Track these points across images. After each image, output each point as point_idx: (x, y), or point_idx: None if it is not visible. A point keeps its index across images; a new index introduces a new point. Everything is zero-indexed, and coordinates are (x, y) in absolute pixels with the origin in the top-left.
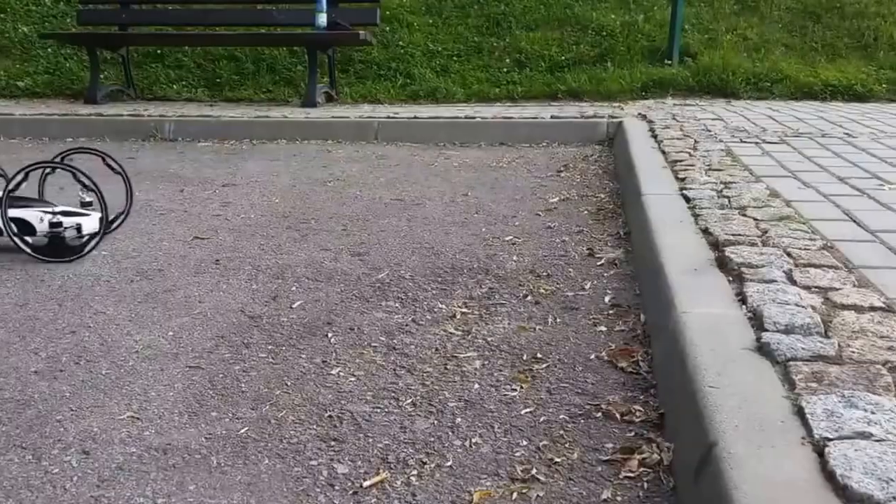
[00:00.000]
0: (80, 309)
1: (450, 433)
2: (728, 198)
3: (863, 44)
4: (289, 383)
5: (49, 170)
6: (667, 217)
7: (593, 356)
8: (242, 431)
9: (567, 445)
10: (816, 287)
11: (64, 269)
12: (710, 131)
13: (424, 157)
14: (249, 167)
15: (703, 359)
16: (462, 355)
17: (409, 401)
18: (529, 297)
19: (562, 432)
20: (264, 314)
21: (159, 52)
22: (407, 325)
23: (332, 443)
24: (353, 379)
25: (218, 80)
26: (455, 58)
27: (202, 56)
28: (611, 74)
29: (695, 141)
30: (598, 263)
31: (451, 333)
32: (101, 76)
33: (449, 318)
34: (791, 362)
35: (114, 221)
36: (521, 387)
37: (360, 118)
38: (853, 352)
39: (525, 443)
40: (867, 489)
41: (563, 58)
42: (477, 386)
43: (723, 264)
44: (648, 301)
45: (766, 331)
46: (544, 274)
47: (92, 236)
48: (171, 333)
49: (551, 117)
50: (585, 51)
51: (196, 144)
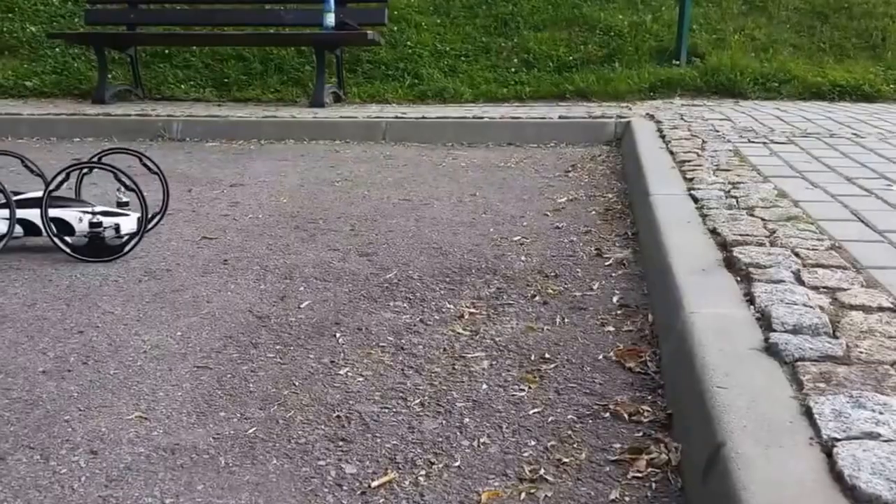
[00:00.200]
0: (88, 309)
1: (458, 433)
2: (736, 198)
3: (871, 44)
4: (297, 383)
5: (86, 170)
6: (675, 217)
7: (601, 356)
8: (251, 431)
9: (575, 445)
10: (824, 287)
11: (72, 269)
12: (718, 131)
13: (432, 157)
14: (257, 167)
15: (712, 359)
16: (470, 355)
17: (417, 401)
18: (537, 298)
19: (570, 432)
20: (272, 314)
21: (167, 51)
22: (415, 325)
23: (341, 443)
24: (361, 379)
25: (226, 80)
26: (463, 58)
27: (210, 56)
28: (619, 75)
29: (703, 141)
30: (606, 264)
31: (459, 333)
32: (109, 76)
33: (457, 319)
34: (799, 362)
35: (151, 221)
36: (530, 387)
37: (368, 118)
38: (861, 352)
39: (533, 443)
40: (875, 489)
41: (570, 58)
42: (485, 386)
43: (731, 264)
44: (656, 301)
45: (775, 331)
46: (552, 274)
47: (131, 236)
48: (179, 333)
49: (559, 117)
50: (593, 51)
51: (204, 144)
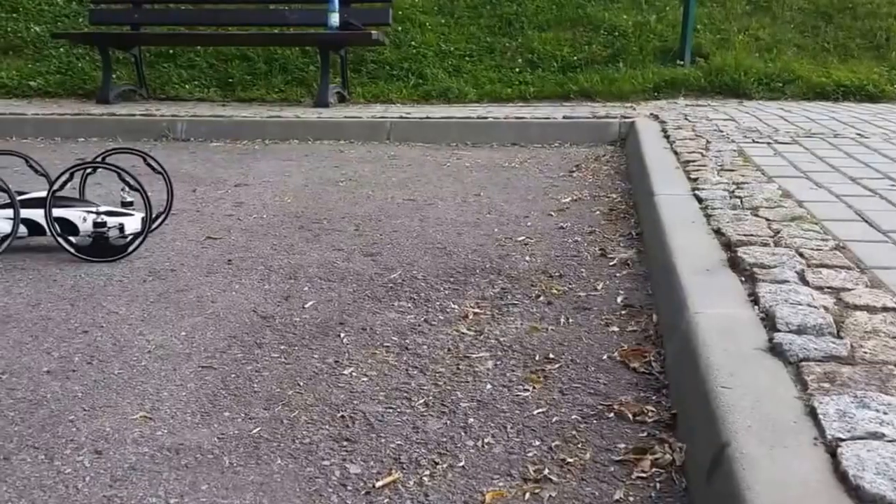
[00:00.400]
0: (92, 309)
1: (462, 433)
2: (740, 198)
3: (875, 44)
4: (301, 383)
5: (90, 169)
6: (679, 217)
7: (606, 356)
8: (255, 431)
9: (579, 446)
10: (829, 287)
11: (76, 269)
12: (722, 132)
13: (437, 157)
14: (261, 167)
15: (716, 359)
16: (474, 355)
17: (421, 401)
18: (542, 298)
19: (574, 433)
20: (277, 314)
21: (171, 51)
22: (419, 325)
23: (345, 443)
24: (365, 379)
25: (230, 80)
26: (467, 58)
27: (214, 56)
28: (623, 75)
29: (707, 141)
30: (611, 264)
31: (463, 334)
32: (114, 76)
33: (461, 319)
34: (803, 363)
35: (155, 221)
36: (534, 387)
37: (372, 118)
38: (865, 352)
39: (537, 443)
40: (880, 489)
41: (575, 58)
42: (489, 386)
43: (735, 265)
44: (661, 301)
45: (779, 331)
46: (556, 274)
47: (135, 236)
48: (183, 333)
49: (563, 117)
50: (597, 51)
51: (208, 144)
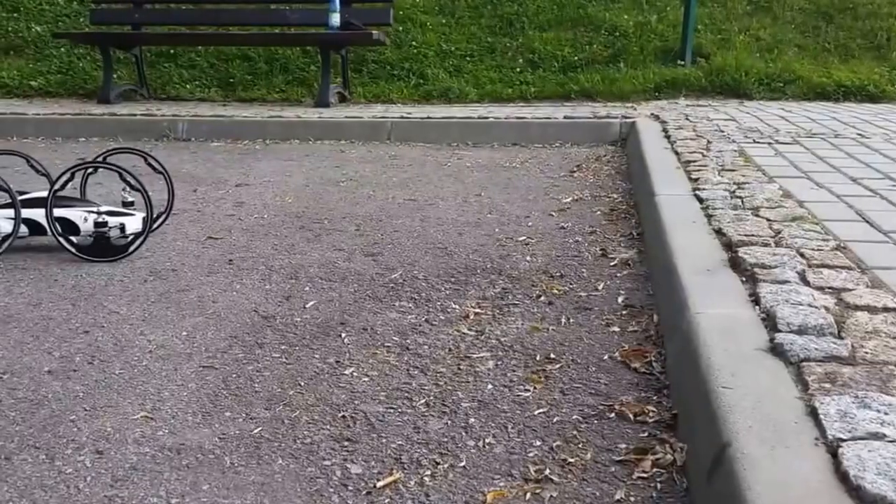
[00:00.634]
0: (93, 309)
1: (463, 433)
2: (741, 198)
3: (875, 44)
4: (302, 383)
5: (91, 169)
6: (680, 217)
7: (606, 357)
8: (256, 431)
9: (580, 446)
10: (829, 288)
11: (77, 269)
12: (722, 132)
13: (437, 157)
14: (262, 167)
15: (717, 359)
16: (475, 356)
17: (422, 401)
18: (542, 298)
19: (575, 433)
20: (278, 314)
21: (172, 51)
22: (420, 325)
23: (346, 443)
24: (366, 379)
25: (231, 80)
26: (468, 58)
27: (215, 56)
28: (624, 75)
29: (708, 141)
30: (612, 264)
31: (464, 334)
32: (114, 76)
33: (462, 319)
34: (804, 363)
35: (156, 221)
36: (535, 387)
37: (373, 118)
38: (866, 352)
39: (538, 443)
40: (880, 490)
41: (575, 58)
42: (490, 386)
43: (736, 265)
44: (661, 301)
45: (780, 331)
46: (557, 274)
47: (136, 236)
48: (184, 333)
49: (564, 117)
50: (598, 51)
51: (209, 144)
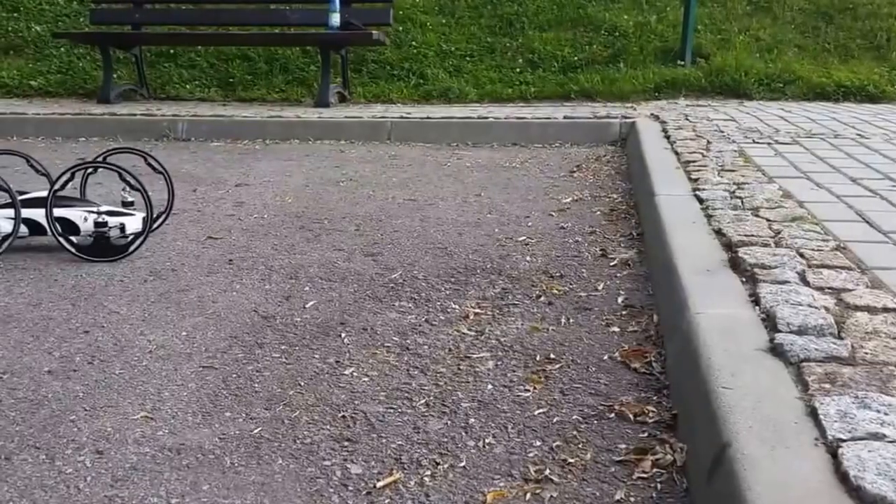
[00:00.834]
0: (93, 309)
1: (463, 434)
2: (741, 198)
3: (875, 45)
4: (302, 383)
5: (91, 169)
6: (680, 218)
7: (606, 357)
8: (256, 431)
9: (580, 446)
10: (829, 288)
11: (77, 269)
12: (722, 132)
13: (437, 157)
14: (262, 167)
15: (717, 359)
16: (475, 356)
17: (422, 401)
18: (542, 298)
19: (575, 433)
20: (277, 314)
21: (172, 51)
22: (420, 325)
23: (346, 443)
24: (366, 379)
25: (231, 80)
26: (468, 58)
27: (215, 56)
28: (623, 75)
29: (707, 141)
30: (611, 264)
31: (464, 334)
32: (114, 76)
33: (462, 319)
34: (804, 363)
35: (155, 221)
36: (535, 387)
37: (372, 118)
38: (866, 353)
39: (538, 443)
40: (880, 490)
41: (575, 58)
42: (490, 386)
43: (736, 265)
44: (661, 302)
45: (780, 332)
46: (557, 274)
47: (136, 236)
48: (184, 333)
49: (564, 118)
50: (598, 51)
51: (209, 144)
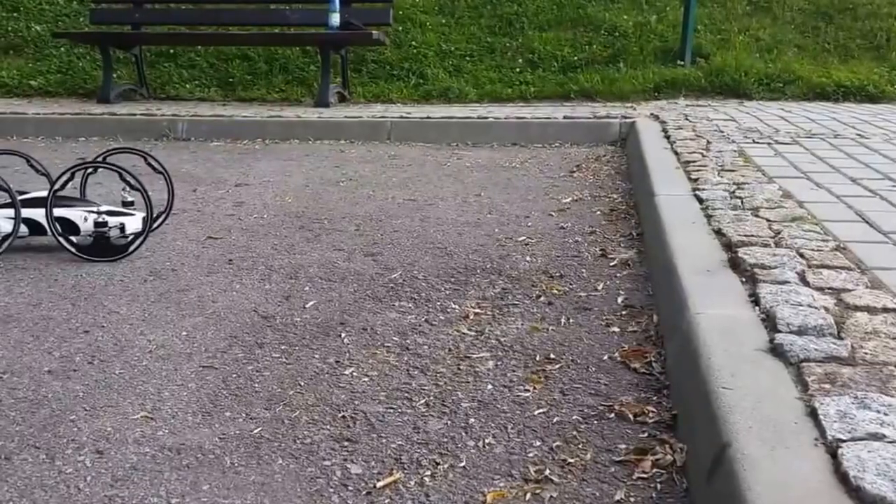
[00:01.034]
0: (93, 308)
1: (463, 434)
2: (741, 198)
3: (875, 45)
4: (302, 383)
5: (91, 169)
6: (679, 218)
7: (606, 357)
8: (256, 431)
9: (580, 446)
10: (829, 288)
11: (77, 269)
12: (722, 132)
13: (437, 157)
14: (262, 167)
15: (717, 360)
16: (475, 356)
17: (422, 401)
18: (542, 298)
19: (575, 433)
20: (277, 314)
21: (172, 51)
22: (420, 325)
23: (346, 443)
24: (366, 379)
25: (231, 80)
26: (468, 58)
27: (215, 56)
28: (623, 75)
29: (707, 141)
30: (611, 264)
31: (464, 334)
32: (114, 75)
33: (462, 319)
34: (804, 363)
35: (155, 221)
36: (534, 387)
37: (372, 118)
38: (866, 353)
39: (538, 443)
40: (880, 490)
41: (575, 58)
42: (490, 386)
43: (736, 265)
44: (661, 302)
45: (780, 332)
46: (557, 274)
47: (136, 236)
48: (184, 333)
49: (564, 117)
50: (598, 51)
51: (209, 144)
